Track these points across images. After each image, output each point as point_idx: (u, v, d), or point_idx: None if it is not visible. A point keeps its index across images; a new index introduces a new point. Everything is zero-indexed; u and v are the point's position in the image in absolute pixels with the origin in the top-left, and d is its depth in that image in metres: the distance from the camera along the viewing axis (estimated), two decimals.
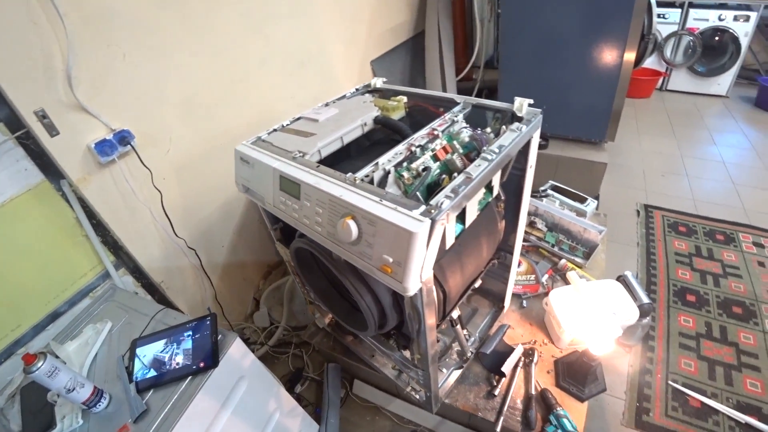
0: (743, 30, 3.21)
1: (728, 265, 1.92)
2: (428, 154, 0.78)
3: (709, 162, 2.68)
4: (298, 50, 1.76)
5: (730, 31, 3.26)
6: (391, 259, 0.60)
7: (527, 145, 0.89)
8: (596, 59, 2.06)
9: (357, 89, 1.19)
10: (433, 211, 0.60)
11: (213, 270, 1.62)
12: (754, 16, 3.16)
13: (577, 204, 1.78)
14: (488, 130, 0.87)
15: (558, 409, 1.13)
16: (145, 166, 1.25)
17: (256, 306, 1.87)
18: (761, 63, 3.59)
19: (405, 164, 0.75)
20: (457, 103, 0.98)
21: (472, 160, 0.82)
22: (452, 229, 0.72)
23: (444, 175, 0.77)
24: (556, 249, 1.63)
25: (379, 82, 1.16)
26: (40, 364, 0.76)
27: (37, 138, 1.03)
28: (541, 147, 2.30)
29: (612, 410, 1.44)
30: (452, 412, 1.28)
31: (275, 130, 0.98)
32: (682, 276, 1.89)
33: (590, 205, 1.78)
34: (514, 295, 1.46)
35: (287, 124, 1.00)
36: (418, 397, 1.18)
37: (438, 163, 0.80)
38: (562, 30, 2.06)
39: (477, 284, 1.22)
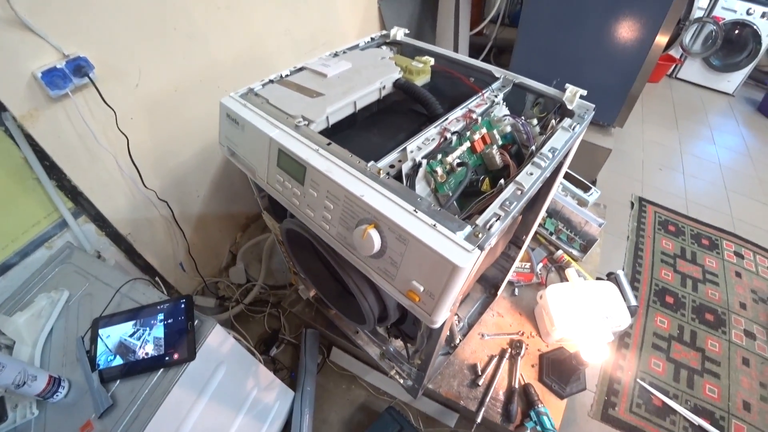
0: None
1: (708, 271, 1.95)
2: (465, 144, 0.64)
3: (706, 162, 2.66)
4: None
5: (754, 27, 3.09)
6: (421, 288, 0.48)
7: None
8: (625, 37, 1.88)
9: (372, 38, 0.99)
10: (480, 235, 0.48)
11: (186, 221, 1.46)
12: None
13: (580, 192, 1.70)
14: (534, 122, 0.73)
15: (539, 405, 1.12)
16: (107, 104, 1.03)
17: (233, 259, 1.74)
18: None
19: (439, 156, 0.61)
20: (496, 78, 0.82)
21: (510, 155, 0.69)
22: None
23: (479, 175, 0.65)
24: (553, 237, 1.57)
25: (400, 34, 0.97)
26: None
27: None
28: None
29: (581, 401, 1.48)
30: (431, 392, 1.26)
31: (271, 81, 0.80)
32: (664, 276, 1.90)
33: (593, 195, 1.71)
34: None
35: (287, 75, 0.82)
36: (401, 382, 1.14)
37: (474, 156, 0.67)
38: None
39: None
